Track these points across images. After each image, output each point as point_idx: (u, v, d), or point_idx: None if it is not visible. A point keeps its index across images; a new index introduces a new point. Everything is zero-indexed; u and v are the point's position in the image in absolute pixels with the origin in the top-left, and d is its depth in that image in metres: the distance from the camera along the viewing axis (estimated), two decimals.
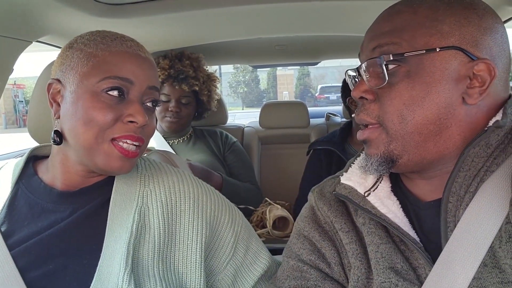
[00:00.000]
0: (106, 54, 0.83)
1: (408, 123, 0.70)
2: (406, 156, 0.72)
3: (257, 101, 29.65)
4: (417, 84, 0.69)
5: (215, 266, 0.94)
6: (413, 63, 0.70)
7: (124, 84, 0.82)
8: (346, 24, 1.82)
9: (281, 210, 1.96)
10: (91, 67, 0.82)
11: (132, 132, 0.82)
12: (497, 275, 0.63)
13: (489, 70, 0.69)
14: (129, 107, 0.82)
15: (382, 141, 0.73)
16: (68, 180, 0.88)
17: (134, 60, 0.84)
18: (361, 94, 0.75)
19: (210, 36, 1.96)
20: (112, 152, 0.82)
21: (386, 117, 0.72)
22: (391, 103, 0.71)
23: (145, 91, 0.85)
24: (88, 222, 0.85)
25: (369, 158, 0.75)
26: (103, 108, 0.81)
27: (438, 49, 0.69)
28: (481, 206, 0.67)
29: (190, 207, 0.90)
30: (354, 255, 0.78)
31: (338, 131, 2.15)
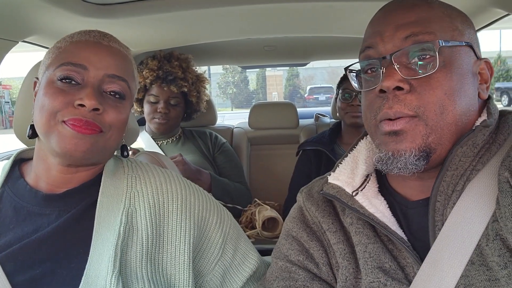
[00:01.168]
0: (67, 45, 0.86)
1: (449, 113, 0.69)
2: (439, 150, 0.70)
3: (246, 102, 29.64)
4: (454, 75, 0.69)
5: (204, 267, 0.94)
6: (447, 54, 0.70)
7: (77, 70, 0.83)
8: (335, 26, 1.83)
9: (270, 211, 1.96)
10: (53, 58, 0.86)
11: (80, 115, 0.80)
12: (484, 273, 0.63)
13: (488, 69, 0.74)
14: (82, 92, 0.81)
15: (419, 133, 0.69)
16: (51, 179, 0.87)
17: (92, 47, 0.85)
18: (397, 84, 0.69)
19: (199, 36, 1.96)
20: (65, 131, 0.81)
21: (428, 107, 0.68)
22: (434, 92, 0.68)
23: (103, 79, 0.85)
24: (75, 226, 0.84)
25: (403, 153, 0.70)
26: (54, 93, 0.81)
27: (464, 43, 0.71)
28: (468, 205, 0.67)
29: (178, 208, 0.89)
30: (342, 255, 0.78)
31: (328, 131, 2.15)
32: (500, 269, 0.61)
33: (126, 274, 0.81)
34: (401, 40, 0.71)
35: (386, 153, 0.72)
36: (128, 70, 0.90)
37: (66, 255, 0.81)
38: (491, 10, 1.37)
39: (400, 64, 0.70)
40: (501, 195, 0.63)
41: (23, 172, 0.92)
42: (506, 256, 0.61)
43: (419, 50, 0.70)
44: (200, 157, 2.12)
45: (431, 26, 0.71)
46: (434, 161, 0.71)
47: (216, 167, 2.17)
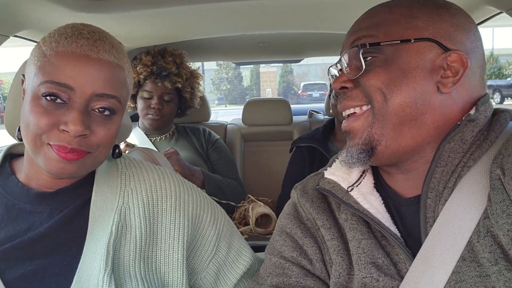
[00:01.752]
0: (53, 55, 0.77)
1: (388, 101, 0.73)
2: (384, 142, 0.74)
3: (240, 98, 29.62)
4: (394, 70, 0.73)
5: (197, 264, 0.93)
6: (389, 52, 0.74)
7: (62, 89, 0.75)
8: (328, 22, 1.83)
9: (263, 207, 1.97)
10: (39, 67, 0.78)
11: (66, 143, 0.75)
12: (475, 269, 0.64)
13: (461, 61, 0.73)
14: (68, 114, 0.75)
15: (367, 125, 0.75)
16: (42, 180, 0.85)
17: (79, 63, 0.76)
18: (341, 85, 0.78)
19: (193, 32, 1.95)
20: (51, 154, 0.76)
21: (371, 95, 0.74)
22: (371, 83, 0.74)
23: (91, 98, 0.77)
24: (68, 225, 0.83)
25: (350, 149, 0.78)
26: (40, 112, 0.75)
27: (413, 40, 0.73)
28: (460, 202, 0.68)
29: (172, 205, 0.89)
30: (336, 252, 0.78)
31: (321, 128, 2.16)
32: (491, 265, 0.62)
33: (119, 272, 0.80)
34: (349, 45, 0.79)
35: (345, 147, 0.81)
36: (119, 83, 0.82)
37: (59, 253, 0.81)
38: (484, 8, 1.38)
39: (350, 66, 0.78)
40: (492, 192, 0.64)
41: (14, 169, 0.90)
42: (497, 253, 0.62)
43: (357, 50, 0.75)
44: (193, 154, 2.12)
45: (377, 29, 0.76)
46: (383, 152, 0.75)
47: (210, 164, 2.17)
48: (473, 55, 0.75)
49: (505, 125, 0.74)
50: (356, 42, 0.77)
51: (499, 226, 0.62)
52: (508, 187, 0.61)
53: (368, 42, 0.75)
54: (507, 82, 18.43)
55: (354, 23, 0.82)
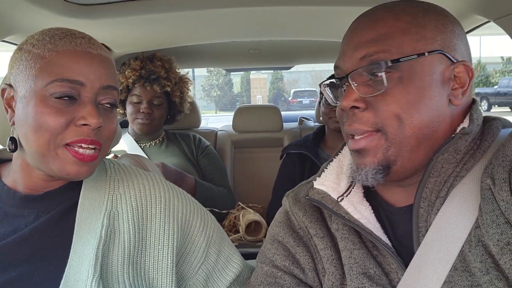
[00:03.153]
0: (53, 55, 0.78)
1: (406, 126, 0.70)
2: (400, 162, 0.71)
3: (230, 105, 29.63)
4: (412, 89, 0.70)
5: (187, 271, 0.92)
6: (405, 68, 0.70)
7: (73, 86, 0.77)
8: (319, 29, 1.83)
9: (253, 214, 1.95)
10: (39, 69, 0.77)
11: (85, 136, 0.78)
12: (467, 278, 0.64)
13: (467, 71, 0.72)
14: (81, 109, 0.77)
15: (381, 147, 0.71)
16: (31, 184, 0.84)
17: (84, 59, 0.79)
18: (352, 104, 0.72)
19: (182, 39, 1.95)
20: (67, 157, 0.77)
21: (385, 122, 0.70)
22: (388, 108, 0.70)
23: (99, 91, 0.80)
24: (54, 228, 0.82)
25: (364, 167, 0.73)
26: (52, 112, 0.76)
27: (427, 53, 0.70)
28: (452, 211, 0.68)
29: (162, 211, 0.88)
30: (329, 261, 0.78)
31: (312, 135, 2.16)
32: (482, 275, 0.62)
33: (107, 278, 0.79)
34: (358, 60, 0.73)
35: (353, 165, 0.77)
36: (116, 76, 0.86)
37: (44, 258, 0.79)
38: (471, 17, 1.39)
39: (358, 82, 0.72)
40: (483, 202, 0.64)
41: (0, 173, 0.89)
42: (488, 262, 0.62)
43: (372, 69, 0.71)
44: (183, 160, 2.10)
45: (389, 42, 0.71)
46: (397, 171, 0.73)
47: (200, 170, 2.16)
48: (470, 63, 0.75)
49: (497, 134, 0.74)
50: (367, 58, 0.72)
51: (490, 236, 0.62)
52: (498, 197, 0.61)
53: (388, 58, 0.69)
54: (494, 90, 18.71)
55: (355, 32, 0.76)
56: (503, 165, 0.63)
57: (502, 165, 0.63)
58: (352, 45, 0.75)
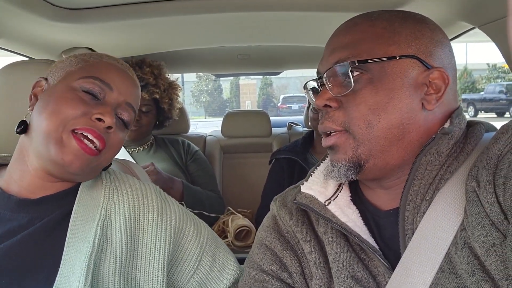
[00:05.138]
0: (97, 62, 0.88)
1: (374, 127, 0.72)
2: (372, 161, 0.73)
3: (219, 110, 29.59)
4: (380, 90, 0.72)
5: (178, 280, 0.92)
6: (375, 70, 0.72)
7: (103, 88, 0.85)
8: (308, 35, 1.84)
9: (242, 220, 1.95)
10: (79, 67, 0.86)
11: (95, 128, 0.81)
12: (453, 280, 0.64)
13: (443, 78, 0.73)
14: (101, 108, 0.82)
15: (349, 145, 0.74)
16: (26, 183, 0.84)
17: (119, 73, 0.89)
18: (325, 102, 0.76)
19: (171, 44, 1.94)
20: (70, 144, 0.79)
21: (352, 122, 0.73)
22: (357, 108, 0.72)
23: (121, 104, 0.87)
24: (47, 235, 0.81)
25: (336, 164, 0.75)
26: (74, 100, 0.81)
27: (398, 57, 0.72)
28: (437, 214, 0.68)
29: (154, 221, 0.88)
30: (316, 265, 0.78)
31: (300, 140, 2.17)
32: (469, 277, 0.62)
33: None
34: (332, 64, 0.76)
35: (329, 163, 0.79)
36: (139, 103, 0.95)
37: (35, 266, 0.78)
38: (457, 23, 1.41)
39: (333, 84, 0.75)
40: (468, 205, 0.65)
41: None
42: (474, 264, 0.62)
43: (345, 69, 0.73)
44: (172, 165, 2.09)
45: (361, 47, 0.74)
46: (370, 170, 0.74)
47: (189, 176, 2.15)
48: (450, 71, 0.75)
49: (480, 137, 0.75)
50: (340, 60, 0.75)
51: (475, 238, 0.62)
52: (483, 199, 0.62)
53: (357, 59, 0.72)
54: (481, 96, 18.98)
55: (333, 37, 0.80)
56: (487, 168, 0.64)
57: (486, 168, 0.64)
58: (328, 50, 0.79)
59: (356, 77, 0.73)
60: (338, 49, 0.76)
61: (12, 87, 1.04)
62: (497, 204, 0.61)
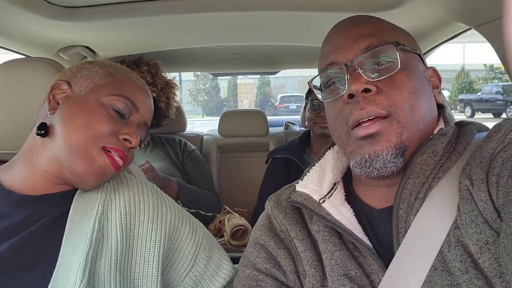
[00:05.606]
0: (124, 78, 0.92)
1: (416, 110, 0.72)
2: (410, 148, 0.72)
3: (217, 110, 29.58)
4: (413, 76, 0.74)
5: (173, 278, 0.92)
6: (403, 58, 0.74)
7: (131, 108, 0.89)
8: (306, 35, 1.85)
9: (239, 219, 1.95)
10: (108, 82, 0.89)
11: (123, 148, 0.86)
12: (446, 278, 0.65)
13: (438, 76, 0.79)
14: (127, 128, 0.87)
15: (394, 131, 0.70)
16: (31, 183, 0.85)
17: (143, 93, 0.94)
18: (365, 86, 0.71)
19: (169, 42, 1.94)
20: (101, 159, 0.83)
21: (398, 105, 0.71)
22: (400, 91, 0.71)
23: (141, 124, 0.92)
24: (45, 232, 0.81)
25: (380, 154, 0.70)
26: (106, 118, 0.84)
27: (415, 50, 0.77)
28: (430, 212, 0.69)
29: (149, 217, 0.88)
30: (309, 263, 0.78)
31: (297, 140, 2.17)
32: (462, 274, 0.63)
33: (94, 284, 0.78)
34: (361, 50, 0.74)
35: (362, 156, 0.72)
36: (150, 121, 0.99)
37: (33, 262, 0.78)
38: (453, 24, 1.42)
39: (363, 69, 0.73)
40: (461, 203, 0.65)
41: None
42: (467, 262, 0.63)
43: (380, 56, 0.73)
44: (169, 164, 2.09)
45: (386, 36, 0.76)
46: (406, 160, 0.72)
47: (185, 174, 2.15)
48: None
49: (472, 137, 0.76)
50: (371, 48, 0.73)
51: (469, 235, 0.63)
52: (476, 197, 0.63)
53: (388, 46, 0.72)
54: (478, 97, 19.04)
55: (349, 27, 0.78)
56: (480, 166, 0.64)
57: (479, 166, 0.64)
58: (350, 38, 0.76)
59: (389, 64, 0.73)
60: (363, 37, 0.75)
61: (8, 85, 1.04)
62: (491, 202, 0.61)
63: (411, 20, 1.44)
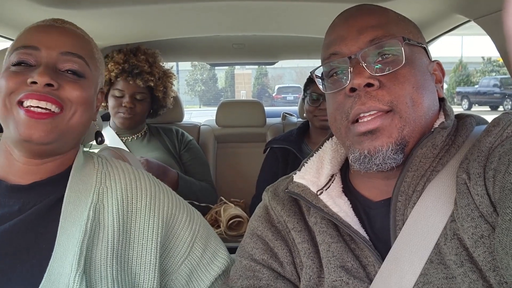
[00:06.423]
0: (22, 33, 0.87)
1: (418, 106, 0.71)
2: (411, 144, 0.72)
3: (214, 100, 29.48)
4: (417, 71, 0.73)
5: (169, 265, 0.92)
6: (408, 53, 0.73)
7: (28, 51, 0.82)
8: (304, 25, 1.84)
9: (234, 209, 1.96)
10: (10, 48, 0.86)
11: (34, 91, 0.78)
12: (442, 271, 0.65)
13: (441, 69, 0.79)
14: (34, 71, 0.80)
15: (395, 126, 0.70)
16: (15, 170, 0.84)
17: (43, 29, 0.85)
18: (367, 81, 0.71)
19: (166, 32, 1.93)
20: (20, 116, 0.78)
21: (400, 100, 0.70)
22: (403, 86, 0.71)
23: (58, 58, 0.83)
24: (39, 220, 0.81)
25: (379, 150, 0.70)
26: (8, 75, 0.80)
27: (416, 43, 0.76)
28: (428, 205, 0.69)
29: (147, 205, 0.88)
30: (306, 255, 0.78)
31: (296, 130, 2.17)
32: (457, 267, 0.63)
33: (90, 273, 0.78)
34: (366, 43, 0.74)
35: (361, 152, 0.72)
36: (85, 49, 0.88)
37: (28, 251, 0.78)
38: (452, 16, 1.41)
39: (366, 63, 0.72)
40: (458, 196, 0.65)
41: None
42: (462, 255, 0.63)
43: (384, 50, 0.73)
44: (165, 154, 2.09)
45: (392, 29, 0.75)
46: (405, 155, 0.72)
47: (182, 165, 2.15)
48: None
49: (471, 130, 0.76)
50: (376, 41, 0.72)
51: (465, 229, 0.63)
52: (473, 191, 0.63)
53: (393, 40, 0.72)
54: (475, 89, 19.06)
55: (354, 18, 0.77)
56: (478, 160, 0.64)
57: (477, 160, 0.64)
58: (354, 30, 0.75)
59: (393, 58, 0.72)
60: (368, 29, 0.74)
61: None
62: (487, 196, 0.62)
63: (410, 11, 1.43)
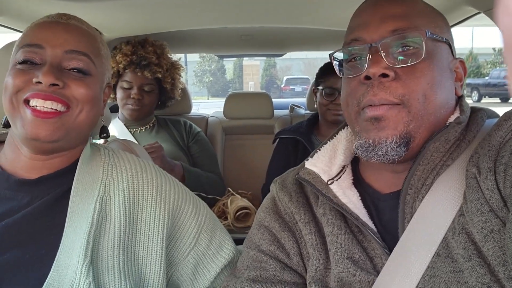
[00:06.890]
0: (27, 29, 0.86)
1: (430, 103, 0.70)
2: (417, 139, 0.71)
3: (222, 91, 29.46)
4: (436, 67, 0.72)
5: (175, 256, 0.93)
6: (430, 47, 0.72)
7: (34, 50, 0.81)
8: (312, 17, 1.82)
9: (241, 201, 1.96)
10: (17, 43, 0.85)
11: (39, 91, 0.79)
12: (449, 264, 0.65)
13: (464, 68, 0.78)
14: (39, 70, 0.80)
15: (402, 119, 0.70)
16: (23, 165, 0.85)
17: (47, 27, 0.84)
18: (383, 71, 0.70)
19: (174, 24, 1.92)
20: (26, 115, 0.79)
21: (412, 95, 0.69)
22: (418, 81, 0.70)
23: (63, 56, 0.83)
24: (47, 212, 0.82)
25: (384, 141, 0.70)
26: (15, 74, 0.80)
27: (444, 39, 0.75)
28: (436, 199, 0.69)
29: (153, 196, 0.88)
30: (313, 246, 0.79)
31: (305, 122, 2.16)
32: (465, 261, 0.63)
33: (97, 263, 0.79)
34: (388, 32, 0.72)
35: (366, 140, 0.72)
36: (90, 46, 0.87)
37: (36, 242, 0.79)
38: (463, 8, 1.39)
39: (386, 52, 0.71)
40: (468, 190, 0.65)
41: None
42: (470, 249, 0.63)
43: (406, 41, 0.71)
44: (174, 146, 2.10)
45: (417, 20, 0.73)
46: (412, 150, 0.71)
47: (190, 156, 2.15)
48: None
49: (482, 124, 0.75)
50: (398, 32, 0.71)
51: (474, 223, 0.63)
52: (483, 186, 0.62)
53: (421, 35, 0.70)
54: (485, 81, 18.81)
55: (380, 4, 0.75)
56: (488, 155, 0.64)
57: (487, 155, 0.64)
58: (377, 17, 0.74)
59: (414, 51, 0.71)
60: (392, 18, 0.73)
61: None
62: (497, 191, 0.61)
63: None
